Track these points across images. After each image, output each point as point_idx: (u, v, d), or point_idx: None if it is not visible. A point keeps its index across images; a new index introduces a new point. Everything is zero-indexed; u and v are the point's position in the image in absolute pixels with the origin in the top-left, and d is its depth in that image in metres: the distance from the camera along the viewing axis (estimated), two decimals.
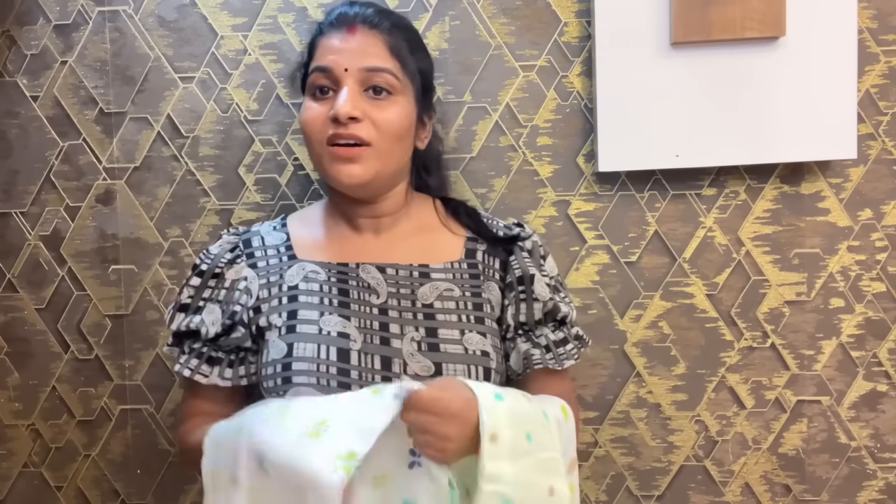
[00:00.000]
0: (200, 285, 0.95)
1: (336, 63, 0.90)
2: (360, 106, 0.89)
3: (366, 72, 0.89)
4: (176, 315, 0.95)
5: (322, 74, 0.91)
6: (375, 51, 0.91)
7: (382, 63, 0.90)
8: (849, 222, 1.16)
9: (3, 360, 1.22)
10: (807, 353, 1.17)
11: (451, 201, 1.04)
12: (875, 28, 1.14)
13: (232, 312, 0.93)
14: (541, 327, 0.97)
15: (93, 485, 1.23)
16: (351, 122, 0.88)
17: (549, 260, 1.01)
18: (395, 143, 0.91)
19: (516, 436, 0.80)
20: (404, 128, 0.92)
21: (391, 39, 0.92)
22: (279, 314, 0.92)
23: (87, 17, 1.18)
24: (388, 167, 0.92)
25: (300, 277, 0.93)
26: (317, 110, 0.91)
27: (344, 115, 0.87)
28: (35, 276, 1.21)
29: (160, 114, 1.19)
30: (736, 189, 1.16)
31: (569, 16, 1.16)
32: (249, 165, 1.19)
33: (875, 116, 1.15)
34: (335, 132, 0.88)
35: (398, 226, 0.98)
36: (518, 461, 0.79)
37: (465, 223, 1.00)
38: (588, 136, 1.16)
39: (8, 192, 1.21)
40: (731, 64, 1.10)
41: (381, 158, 0.90)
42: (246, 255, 0.97)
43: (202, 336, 0.93)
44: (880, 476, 1.18)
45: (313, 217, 1.01)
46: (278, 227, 1.00)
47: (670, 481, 1.19)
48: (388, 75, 0.90)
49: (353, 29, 0.91)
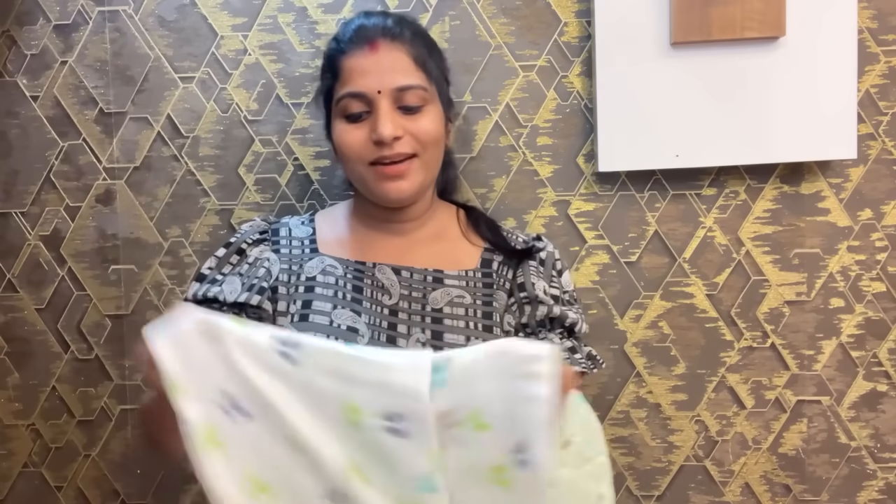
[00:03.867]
0: (224, 256, 0.98)
1: (368, 87, 0.90)
2: (399, 122, 0.90)
3: (398, 91, 0.90)
4: (193, 284, 0.97)
5: (355, 99, 0.91)
6: (402, 66, 0.91)
7: (412, 80, 0.91)
8: (849, 222, 1.16)
9: (3, 360, 1.22)
10: (807, 353, 1.17)
11: (473, 212, 1.05)
12: (875, 28, 1.14)
13: (251, 285, 0.94)
14: (544, 331, 0.97)
15: (93, 485, 1.23)
16: (395, 142, 0.90)
17: (565, 275, 1.02)
18: (434, 150, 0.94)
19: (583, 442, 0.78)
20: (440, 133, 0.94)
21: (413, 50, 0.92)
22: (294, 302, 0.93)
23: (87, 17, 1.18)
24: (431, 174, 0.95)
25: (318, 270, 0.95)
26: (354, 133, 0.92)
27: (388, 138, 0.89)
28: (35, 276, 1.21)
29: (160, 114, 1.19)
30: (736, 189, 1.16)
31: (569, 16, 1.16)
32: (249, 165, 1.19)
33: (875, 116, 1.15)
34: (381, 154, 0.90)
35: (420, 230, 0.99)
36: (580, 468, 0.78)
37: (484, 234, 1.01)
38: (588, 136, 1.16)
39: (8, 192, 1.21)
40: (731, 64, 1.10)
41: (426, 167, 0.93)
42: (272, 241, 0.99)
43: (221, 302, 0.94)
44: (880, 476, 1.18)
45: (339, 215, 1.03)
46: (306, 222, 1.02)
47: (670, 481, 1.19)
48: (418, 90, 0.91)
49: (376, 45, 0.91)
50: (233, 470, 0.69)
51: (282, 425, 0.71)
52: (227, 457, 0.69)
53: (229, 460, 0.69)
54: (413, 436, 0.70)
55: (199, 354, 0.70)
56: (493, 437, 0.70)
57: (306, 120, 1.18)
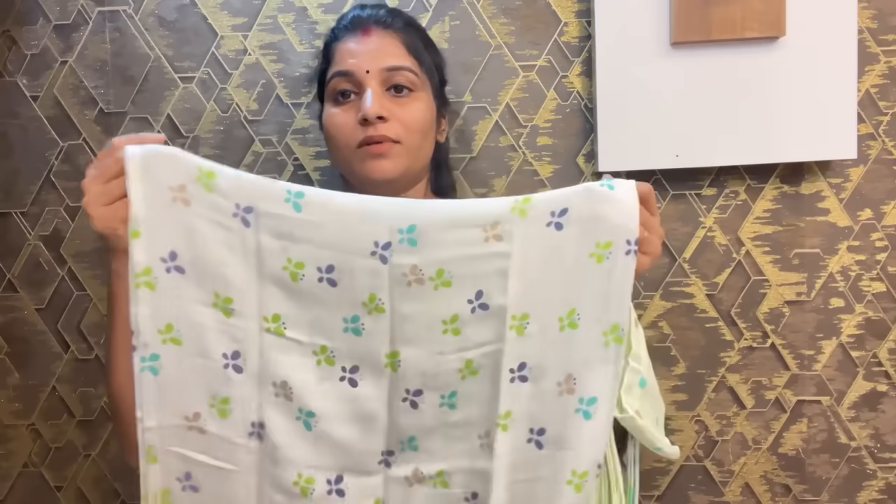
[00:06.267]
0: None
1: (357, 66, 0.90)
2: (386, 105, 0.90)
3: (387, 71, 0.90)
4: None
5: (344, 79, 0.91)
6: (393, 50, 0.92)
7: (402, 62, 0.91)
8: (849, 222, 1.16)
9: (3, 360, 1.22)
10: (807, 353, 1.17)
11: None
12: (875, 28, 1.14)
13: None
14: None
15: (93, 485, 1.23)
16: (379, 122, 0.89)
17: None
18: (421, 139, 0.93)
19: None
20: (428, 123, 0.94)
21: (406, 38, 0.93)
22: None
23: (87, 17, 1.18)
24: (416, 163, 0.94)
25: None
26: (342, 115, 0.91)
27: (373, 116, 0.88)
28: (35, 276, 1.21)
29: (160, 114, 1.19)
30: (736, 189, 1.16)
31: (569, 16, 1.16)
32: (249, 165, 1.19)
33: (875, 116, 1.15)
34: (366, 135, 0.89)
35: None
36: (650, 376, 0.83)
37: None
38: (588, 136, 1.16)
39: (8, 192, 1.21)
40: (731, 64, 1.10)
41: (410, 155, 0.92)
42: None
43: None
44: (880, 476, 1.18)
45: None
46: None
47: (670, 481, 1.19)
48: (408, 73, 0.91)
49: (369, 31, 0.92)
50: (155, 312, 0.74)
51: (209, 282, 0.76)
52: (154, 297, 0.74)
53: (155, 301, 0.74)
54: (342, 285, 0.76)
55: (161, 199, 0.74)
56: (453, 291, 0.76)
57: (306, 120, 1.18)
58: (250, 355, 0.77)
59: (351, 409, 0.78)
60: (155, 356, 0.75)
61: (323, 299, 0.76)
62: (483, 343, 0.77)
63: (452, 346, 0.77)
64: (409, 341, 0.77)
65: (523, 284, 0.76)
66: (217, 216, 0.75)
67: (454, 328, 0.77)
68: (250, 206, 0.75)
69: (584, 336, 0.77)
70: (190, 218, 0.75)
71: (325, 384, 0.78)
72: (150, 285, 0.74)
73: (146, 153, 0.74)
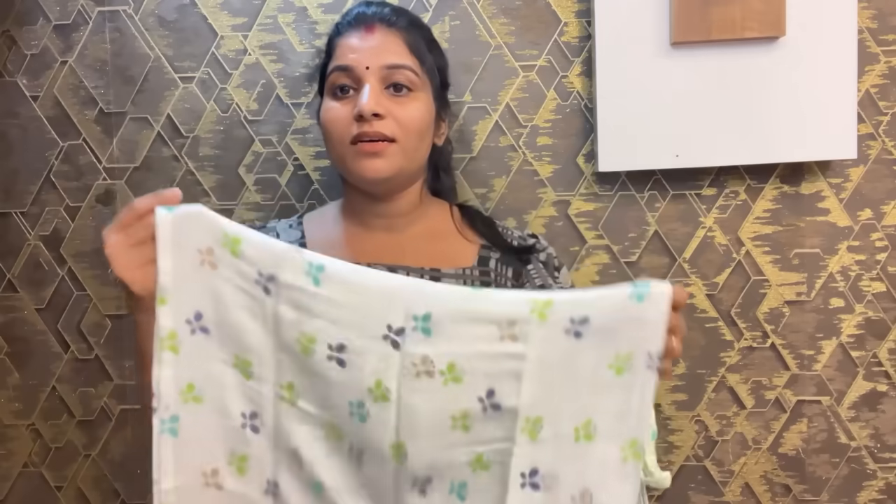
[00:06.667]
0: None
1: (357, 61, 0.90)
2: (383, 103, 0.89)
3: (387, 69, 0.90)
4: None
5: (343, 73, 0.91)
6: (395, 48, 0.91)
7: (402, 60, 0.91)
8: (849, 222, 1.16)
9: (3, 360, 1.22)
10: (807, 353, 1.17)
11: (468, 209, 1.03)
12: (875, 28, 1.14)
13: None
14: None
15: (93, 485, 1.23)
16: (375, 119, 0.88)
17: (563, 271, 1.01)
18: (417, 140, 0.92)
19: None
20: (426, 123, 0.93)
21: (409, 37, 0.92)
22: None
23: (87, 17, 1.18)
24: (411, 163, 0.93)
25: None
26: (339, 110, 0.91)
27: (368, 112, 0.87)
28: (35, 276, 1.21)
29: (160, 114, 1.19)
30: (736, 189, 1.16)
31: (569, 16, 1.16)
32: (249, 165, 1.19)
33: (875, 116, 1.15)
34: (360, 131, 0.89)
35: (411, 228, 0.98)
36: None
37: (480, 231, 1.00)
38: (588, 136, 1.16)
39: (8, 192, 1.21)
40: (731, 64, 1.10)
41: (405, 154, 0.91)
42: None
43: None
44: (880, 476, 1.18)
45: (328, 216, 1.01)
46: (294, 226, 1.00)
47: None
48: (408, 72, 0.91)
49: (372, 28, 0.92)
50: (178, 374, 0.75)
51: (231, 344, 0.76)
52: (177, 360, 0.75)
53: (178, 364, 0.75)
54: (351, 366, 0.75)
55: (189, 261, 0.75)
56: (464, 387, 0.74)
57: (306, 120, 1.18)
58: (266, 418, 0.77)
59: (358, 484, 0.77)
60: (175, 418, 0.75)
61: (330, 379, 0.75)
62: (494, 440, 0.74)
63: (462, 441, 0.74)
64: (415, 434, 0.74)
65: (538, 388, 0.73)
66: (241, 282, 0.75)
67: (464, 424, 0.74)
68: (273, 274, 0.75)
69: (602, 450, 0.74)
70: (216, 281, 0.75)
71: (334, 458, 0.77)
72: (175, 349, 0.75)
73: (177, 217, 0.74)
